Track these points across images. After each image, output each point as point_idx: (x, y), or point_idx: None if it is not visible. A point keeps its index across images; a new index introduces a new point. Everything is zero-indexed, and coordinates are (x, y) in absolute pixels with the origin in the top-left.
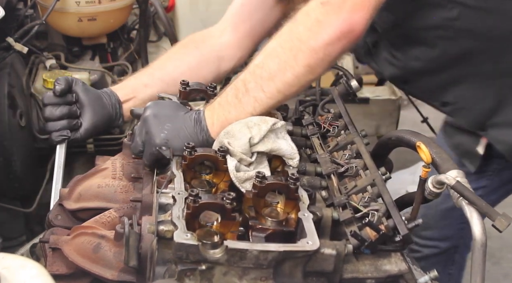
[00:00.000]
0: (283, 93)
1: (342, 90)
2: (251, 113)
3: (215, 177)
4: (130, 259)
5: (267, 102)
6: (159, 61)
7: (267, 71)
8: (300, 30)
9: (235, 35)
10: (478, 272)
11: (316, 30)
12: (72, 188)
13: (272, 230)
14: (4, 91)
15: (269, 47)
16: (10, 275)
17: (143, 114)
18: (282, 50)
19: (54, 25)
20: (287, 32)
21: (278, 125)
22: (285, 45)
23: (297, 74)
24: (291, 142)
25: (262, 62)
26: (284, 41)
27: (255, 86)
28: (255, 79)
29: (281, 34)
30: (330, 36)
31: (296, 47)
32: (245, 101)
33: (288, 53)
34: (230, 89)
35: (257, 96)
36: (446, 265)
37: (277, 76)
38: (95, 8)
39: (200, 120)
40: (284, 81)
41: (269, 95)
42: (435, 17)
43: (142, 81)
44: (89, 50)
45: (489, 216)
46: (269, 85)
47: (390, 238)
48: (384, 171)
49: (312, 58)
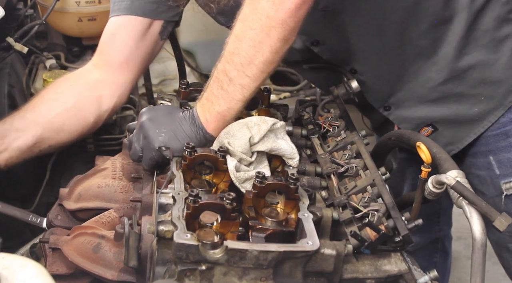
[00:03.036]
0: (266, 71)
1: (342, 90)
2: (242, 100)
3: (215, 177)
4: (130, 259)
5: (254, 85)
6: (31, 102)
7: (244, 56)
8: (264, 5)
9: (110, 71)
10: (478, 272)
11: (280, 1)
12: (72, 188)
13: (272, 230)
14: (4, 91)
15: (238, 31)
16: (10, 275)
17: (139, 120)
18: (253, 32)
19: (54, 25)
20: (252, 11)
21: (278, 125)
22: (255, 26)
23: (275, 50)
24: (290, 142)
25: (237, 47)
26: (252, 22)
27: (237, 74)
28: (235, 67)
29: (245, 14)
30: (296, 3)
31: (266, 25)
32: (232, 90)
33: (260, 33)
34: (213, 82)
35: (243, 82)
36: (430, 255)
37: (256, 58)
38: (95, 8)
39: (194, 118)
40: (264, 60)
41: (254, 78)
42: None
43: (13, 126)
44: (89, 50)
45: (489, 216)
46: (251, 68)
47: (390, 238)
48: (384, 171)
49: (285, 30)
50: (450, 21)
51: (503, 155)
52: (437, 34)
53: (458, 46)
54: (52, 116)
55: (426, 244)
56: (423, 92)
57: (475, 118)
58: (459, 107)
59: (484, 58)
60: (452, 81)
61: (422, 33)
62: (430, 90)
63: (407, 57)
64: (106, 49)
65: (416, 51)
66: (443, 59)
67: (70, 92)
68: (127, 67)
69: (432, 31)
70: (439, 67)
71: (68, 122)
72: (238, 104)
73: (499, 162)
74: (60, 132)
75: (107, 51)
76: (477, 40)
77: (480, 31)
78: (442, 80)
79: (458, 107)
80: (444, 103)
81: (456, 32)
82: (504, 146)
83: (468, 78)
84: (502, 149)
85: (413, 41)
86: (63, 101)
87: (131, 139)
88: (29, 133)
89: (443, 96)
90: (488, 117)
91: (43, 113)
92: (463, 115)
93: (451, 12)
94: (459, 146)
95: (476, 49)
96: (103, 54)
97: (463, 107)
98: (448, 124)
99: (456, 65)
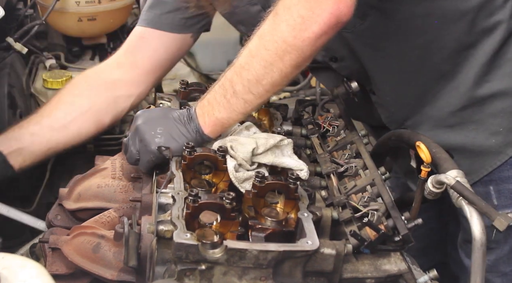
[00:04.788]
0: (272, 91)
1: (342, 90)
2: (242, 113)
3: (214, 177)
4: (130, 259)
5: (257, 102)
6: (48, 106)
7: (253, 74)
8: (283, 29)
9: (134, 72)
10: (478, 272)
11: (300, 28)
12: (71, 188)
13: (272, 230)
14: (4, 91)
15: (253, 47)
16: (10, 275)
17: (134, 123)
18: (267, 52)
19: (54, 25)
20: (270, 31)
21: (285, 142)
22: (270, 47)
23: (285, 74)
24: (298, 159)
25: (248, 63)
26: (268, 42)
27: (242, 89)
28: (242, 82)
29: (263, 32)
30: (316, 34)
31: (281, 49)
32: (234, 102)
33: (274, 55)
34: (218, 88)
35: (246, 98)
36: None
37: (264, 78)
38: (95, 8)
39: (191, 118)
40: (272, 82)
41: (258, 96)
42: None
43: (28, 131)
44: (89, 50)
45: (488, 216)
46: (258, 87)
47: (390, 237)
48: (384, 171)
49: (299, 57)
50: (473, 46)
51: (504, 185)
52: (459, 59)
53: (479, 73)
54: (68, 121)
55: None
56: (441, 117)
57: (492, 150)
58: (476, 136)
59: (506, 87)
60: (471, 107)
61: (445, 58)
62: (448, 115)
63: (427, 81)
64: (134, 50)
65: (437, 75)
66: (464, 84)
67: (87, 93)
68: (153, 71)
69: (454, 56)
70: (459, 92)
71: (84, 126)
72: (239, 116)
73: (498, 192)
74: (76, 137)
75: (134, 53)
76: (500, 68)
77: (504, 59)
78: (461, 106)
79: (476, 136)
80: (461, 129)
81: (479, 58)
82: (507, 177)
83: (488, 106)
84: (504, 180)
85: (435, 66)
86: (79, 105)
87: (127, 142)
88: (44, 138)
89: (461, 122)
90: (505, 150)
91: (59, 118)
92: (480, 145)
93: (476, 38)
94: (474, 178)
95: (499, 78)
96: (130, 54)
97: (481, 137)
98: (464, 154)
99: (476, 91)
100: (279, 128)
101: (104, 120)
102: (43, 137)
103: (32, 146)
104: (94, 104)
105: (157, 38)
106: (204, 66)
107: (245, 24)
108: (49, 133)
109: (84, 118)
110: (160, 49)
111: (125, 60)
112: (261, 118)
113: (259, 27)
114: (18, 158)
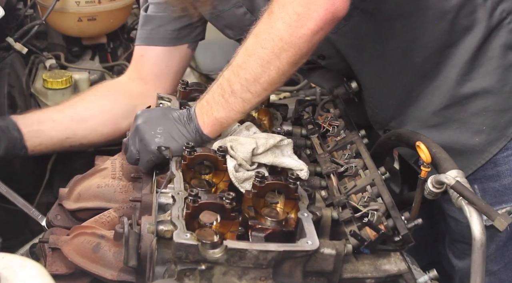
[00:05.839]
0: (270, 90)
1: (342, 90)
2: (241, 112)
3: (214, 177)
4: (130, 259)
5: (255, 101)
6: (70, 100)
7: (250, 73)
8: (279, 26)
9: (145, 86)
10: (478, 272)
11: (296, 25)
12: (71, 188)
13: (272, 230)
14: (4, 91)
15: (249, 46)
16: (10, 275)
17: (134, 123)
18: (264, 51)
19: (54, 25)
20: (266, 29)
21: (285, 142)
22: (266, 45)
23: (282, 72)
24: (298, 159)
25: (245, 62)
26: (264, 41)
27: (240, 88)
28: (239, 81)
29: (259, 30)
30: (312, 30)
31: (278, 47)
32: (233, 101)
33: (270, 53)
34: (217, 87)
35: (244, 97)
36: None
37: (262, 77)
38: (95, 8)
39: (191, 118)
40: (270, 81)
41: (256, 95)
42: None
43: (50, 116)
44: (89, 50)
45: (488, 216)
46: (255, 86)
47: (390, 237)
48: (384, 171)
49: (296, 54)
50: (455, 45)
51: (488, 184)
52: (441, 58)
53: (461, 72)
54: (88, 115)
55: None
56: (424, 117)
57: (476, 149)
58: (460, 136)
59: (488, 85)
60: (453, 106)
61: (427, 57)
62: (431, 114)
63: (410, 80)
64: (138, 68)
65: (420, 75)
66: (446, 84)
67: (108, 96)
68: (159, 82)
69: (436, 55)
70: (441, 91)
71: (101, 123)
72: (237, 115)
73: (483, 191)
74: (93, 132)
75: (139, 70)
76: (481, 66)
77: (485, 57)
78: (443, 105)
79: (459, 136)
80: (445, 129)
81: (460, 57)
82: (491, 175)
83: (470, 105)
84: (488, 178)
85: (417, 65)
86: (100, 104)
87: (127, 142)
88: (63, 126)
89: (444, 122)
90: (489, 149)
91: (80, 111)
92: (464, 144)
93: (457, 36)
94: None
95: (480, 76)
96: (136, 70)
97: (464, 136)
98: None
99: (459, 90)
100: (279, 128)
101: (121, 124)
102: (63, 125)
103: (52, 131)
104: (114, 106)
105: (154, 54)
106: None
107: (232, 28)
108: (69, 122)
109: (104, 117)
110: (160, 64)
111: (133, 75)
112: (261, 118)
113: (255, 26)
114: (35, 139)
